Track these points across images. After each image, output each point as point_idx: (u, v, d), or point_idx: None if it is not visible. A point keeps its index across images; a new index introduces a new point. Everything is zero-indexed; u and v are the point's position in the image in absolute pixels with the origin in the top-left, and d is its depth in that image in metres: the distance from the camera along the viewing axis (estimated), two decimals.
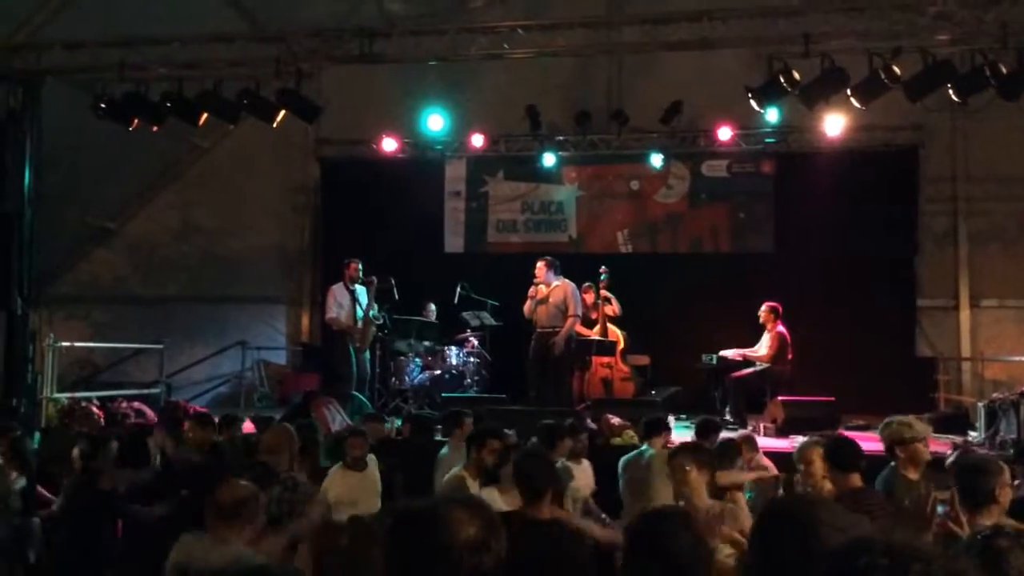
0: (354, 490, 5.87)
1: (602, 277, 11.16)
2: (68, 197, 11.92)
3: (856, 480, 4.41)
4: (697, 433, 6.80)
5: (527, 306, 10.14)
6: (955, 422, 9.97)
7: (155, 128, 10.03)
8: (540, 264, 10.18)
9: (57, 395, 10.00)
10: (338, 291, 10.41)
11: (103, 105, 9.73)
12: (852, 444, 4.73)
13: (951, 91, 8.65)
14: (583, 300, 10.87)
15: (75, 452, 5.92)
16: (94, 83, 10.00)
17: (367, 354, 10.51)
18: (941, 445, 8.22)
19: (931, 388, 11.77)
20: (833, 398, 9.57)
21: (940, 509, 3.49)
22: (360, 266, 10.46)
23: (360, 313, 10.35)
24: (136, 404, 10.26)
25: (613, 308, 11.25)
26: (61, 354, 10.33)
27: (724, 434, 7.38)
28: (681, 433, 8.80)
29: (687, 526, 2.45)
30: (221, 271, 14.08)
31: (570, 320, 10.03)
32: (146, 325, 13.15)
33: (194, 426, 6.74)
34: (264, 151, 13.20)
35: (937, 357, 12.28)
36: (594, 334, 11.04)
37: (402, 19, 11.44)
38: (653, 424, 6.66)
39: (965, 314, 12.40)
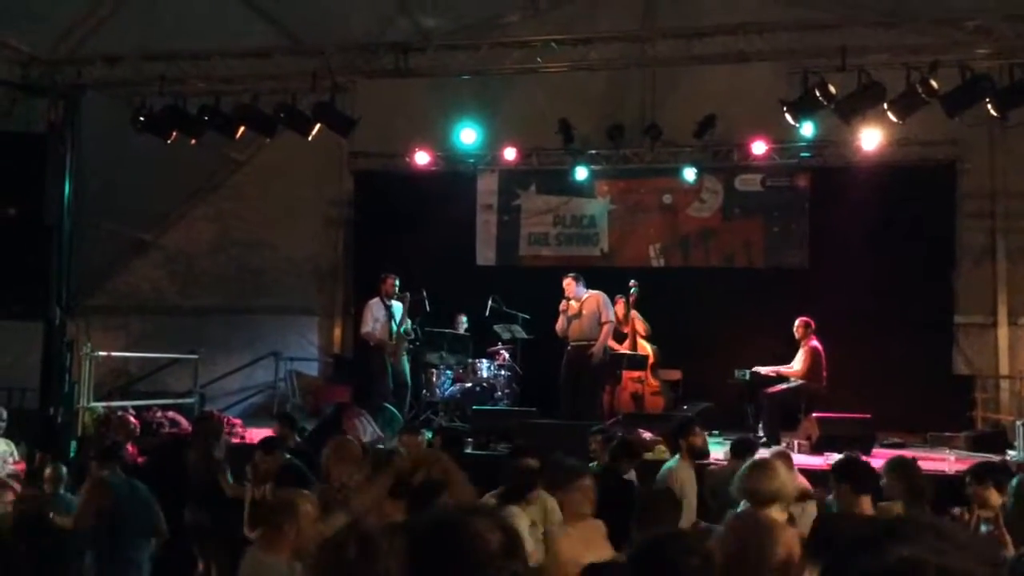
0: None
1: (631, 291, 11.14)
2: (106, 208, 12.06)
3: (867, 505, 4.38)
4: (733, 453, 6.72)
5: (559, 323, 10.15)
6: (993, 441, 9.82)
7: (193, 141, 10.15)
8: (567, 280, 10.19)
9: (93, 404, 10.11)
10: (375, 306, 10.59)
11: (142, 118, 9.86)
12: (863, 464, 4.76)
13: (990, 106, 8.53)
14: (615, 312, 10.89)
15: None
16: (133, 96, 10.15)
17: (407, 365, 10.63)
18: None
19: (969, 406, 11.60)
20: (869, 415, 9.44)
21: (984, 528, 3.42)
22: (397, 281, 10.61)
23: (395, 328, 10.48)
24: (171, 414, 10.38)
25: (642, 326, 11.23)
26: (98, 364, 10.45)
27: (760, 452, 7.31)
28: (714, 450, 8.74)
29: (696, 548, 2.40)
30: (255, 282, 14.21)
31: (606, 327, 10.04)
32: (181, 335, 13.26)
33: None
34: (299, 164, 13.30)
35: (975, 375, 12.10)
36: (624, 348, 11.01)
37: (436, 34, 11.48)
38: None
39: (1003, 331, 12.20)
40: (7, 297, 9.73)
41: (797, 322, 10.22)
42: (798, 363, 10.11)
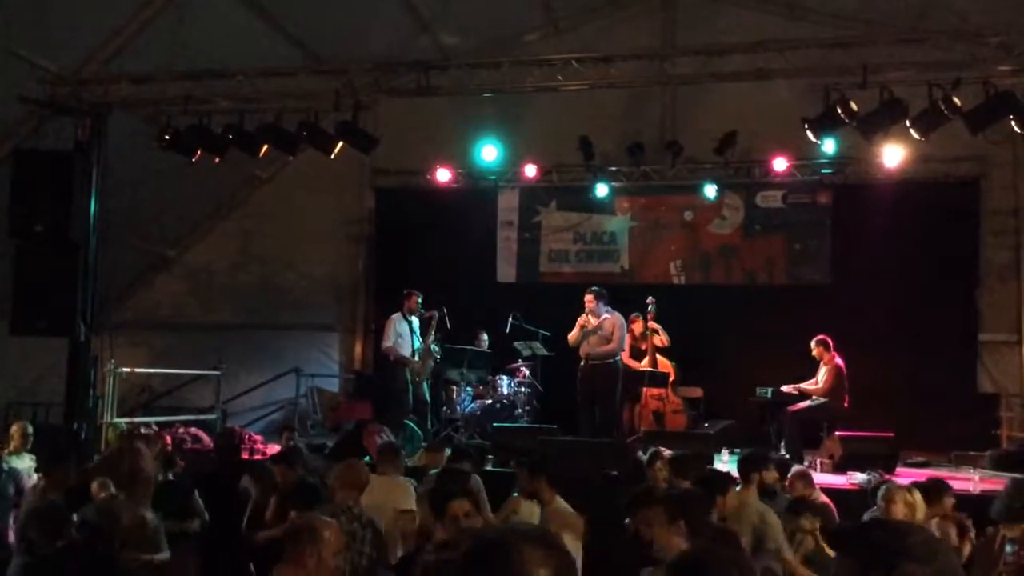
0: None
1: (649, 308, 11.13)
2: (130, 225, 12.20)
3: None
4: (741, 467, 6.60)
5: (573, 333, 10.13)
6: (1019, 460, 9.69)
7: (217, 159, 10.24)
8: (589, 296, 10.20)
9: (117, 420, 10.18)
10: (396, 321, 10.66)
11: (167, 137, 9.97)
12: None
13: (1013, 122, 8.48)
14: (631, 330, 10.87)
15: None
16: (159, 115, 10.27)
17: (426, 385, 10.66)
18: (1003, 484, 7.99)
19: (994, 425, 11.46)
20: (892, 434, 9.35)
21: (1009, 548, 3.39)
22: (420, 299, 10.66)
23: (417, 344, 10.53)
24: (193, 429, 10.42)
25: (661, 339, 11.20)
26: (121, 379, 10.53)
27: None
28: (734, 467, 8.68)
29: (736, 562, 2.38)
30: (277, 299, 14.29)
31: (610, 346, 9.97)
32: (203, 351, 13.32)
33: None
34: (321, 182, 13.38)
35: (1000, 393, 11.95)
36: (644, 366, 10.98)
37: (457, 52, 11.58)
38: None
39: None
40: (33, 313, 9.83)
41: (814, 341, 10.15)
42: (820, 381, 10.05)
